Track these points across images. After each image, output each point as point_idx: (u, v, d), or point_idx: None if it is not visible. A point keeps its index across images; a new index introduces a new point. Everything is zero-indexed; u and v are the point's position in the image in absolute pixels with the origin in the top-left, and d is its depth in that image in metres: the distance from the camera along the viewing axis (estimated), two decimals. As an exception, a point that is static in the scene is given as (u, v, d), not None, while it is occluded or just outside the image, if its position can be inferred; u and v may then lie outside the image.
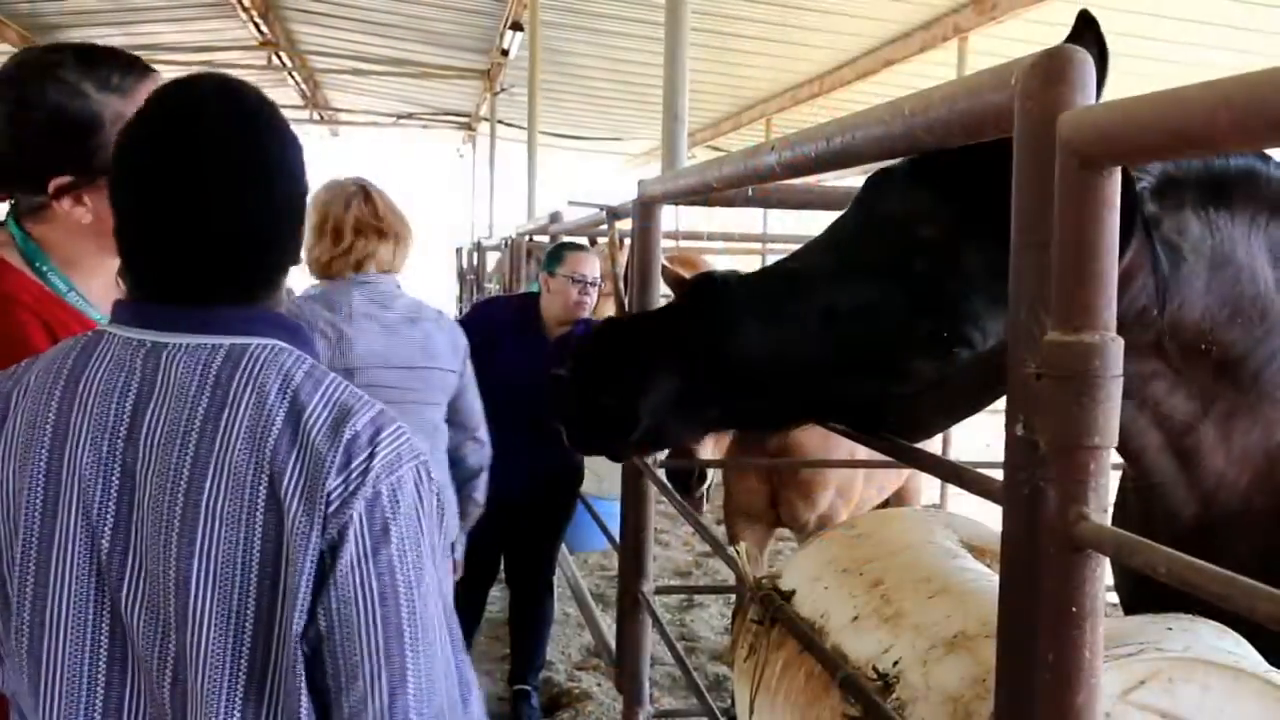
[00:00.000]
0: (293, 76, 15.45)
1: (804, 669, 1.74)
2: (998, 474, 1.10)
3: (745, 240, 7.76)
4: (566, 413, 1.53)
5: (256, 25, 12.39)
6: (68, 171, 1.55)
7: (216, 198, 1.21)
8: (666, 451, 2.96)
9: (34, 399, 1.22)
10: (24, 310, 1.53)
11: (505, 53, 11.20)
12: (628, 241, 3.26)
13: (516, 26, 10.26)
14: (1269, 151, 1.45)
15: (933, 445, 1.64)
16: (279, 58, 13.91)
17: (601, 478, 5.78)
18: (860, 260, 1.44)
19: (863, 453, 3.29)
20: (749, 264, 7.26)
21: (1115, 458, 1.02)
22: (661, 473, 2.88)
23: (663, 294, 2.96)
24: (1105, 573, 1.00)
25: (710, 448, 4.06)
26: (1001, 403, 1.12)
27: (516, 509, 4.33)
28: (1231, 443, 1.53)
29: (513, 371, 4.25)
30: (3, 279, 1.58)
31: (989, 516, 1.49)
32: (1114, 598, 1.72)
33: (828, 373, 1.44)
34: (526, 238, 6.83)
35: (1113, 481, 1.04)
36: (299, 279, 3.18)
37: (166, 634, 1.14)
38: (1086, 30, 1.41)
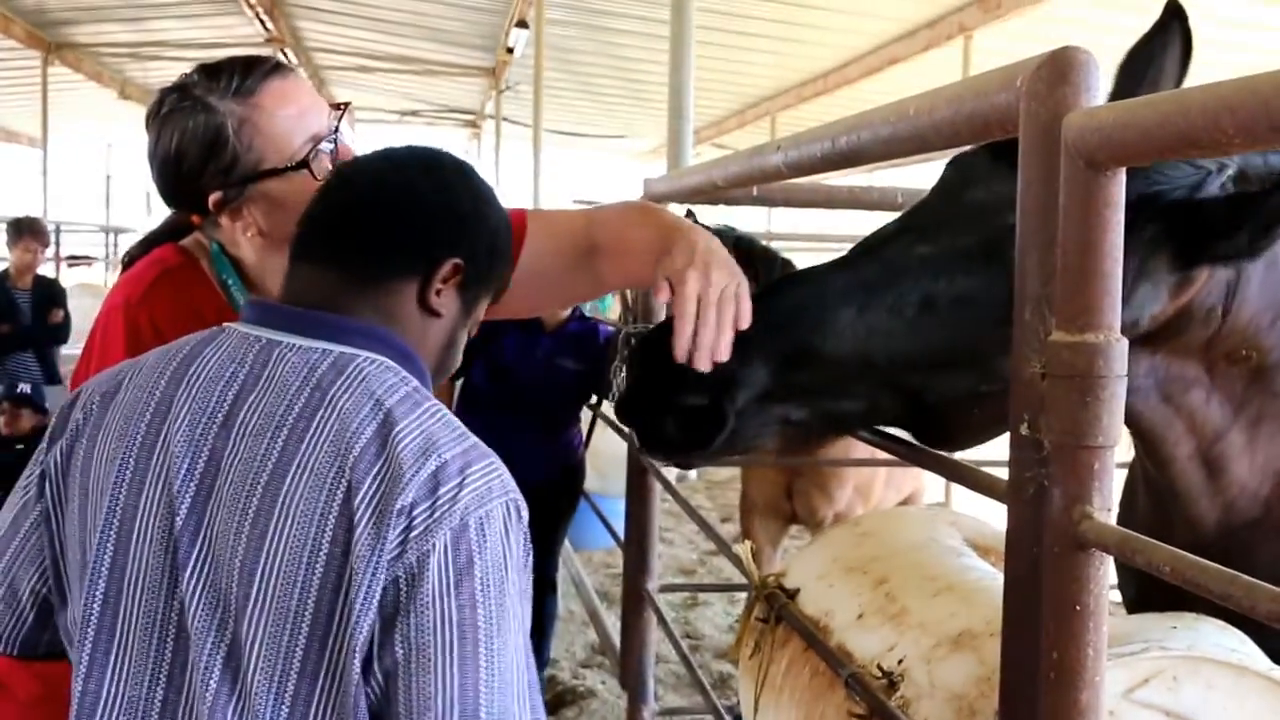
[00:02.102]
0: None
1: (809, 667, 1.74)
2: (1002, 473, 1.10)
3: (750, 238, 7.75)
4: (642, 414, 1.43)
5: (263, 22, 12.40)
6: (215, 187, 1.54)
7: (394, 205, 1.27)
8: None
9: (146, 375, 1.26)
10: (205, 325, 1.55)
11: (510, 50, 11.20)
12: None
13: (522, 24, 10.25)
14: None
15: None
16: (285, 55, 13.92)
17: (605, 475, 5.78)
18: (955, 249, 1.38)
19: (880, 453, 3.26)
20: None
21: (1119, 456, 1.02)
22: (667, 472, 2.89)
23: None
24: (1109, 572, 1.00)
25: None
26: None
27: None
28: (1256, 451, 1.52)
29: (514, 364, 4.26)
30: (193, 291, 1.60)
31: (993, 515, 1.50)
32: (1116, 596, 1.72)
33: (919, 366, 1.37)
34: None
35: (1117, 480, 1.04)
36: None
37: (225, 620, 1.14)
38: (1173, 20, 1.38)
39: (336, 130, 1.57)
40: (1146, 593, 1.64)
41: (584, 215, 1.84)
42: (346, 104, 1.65)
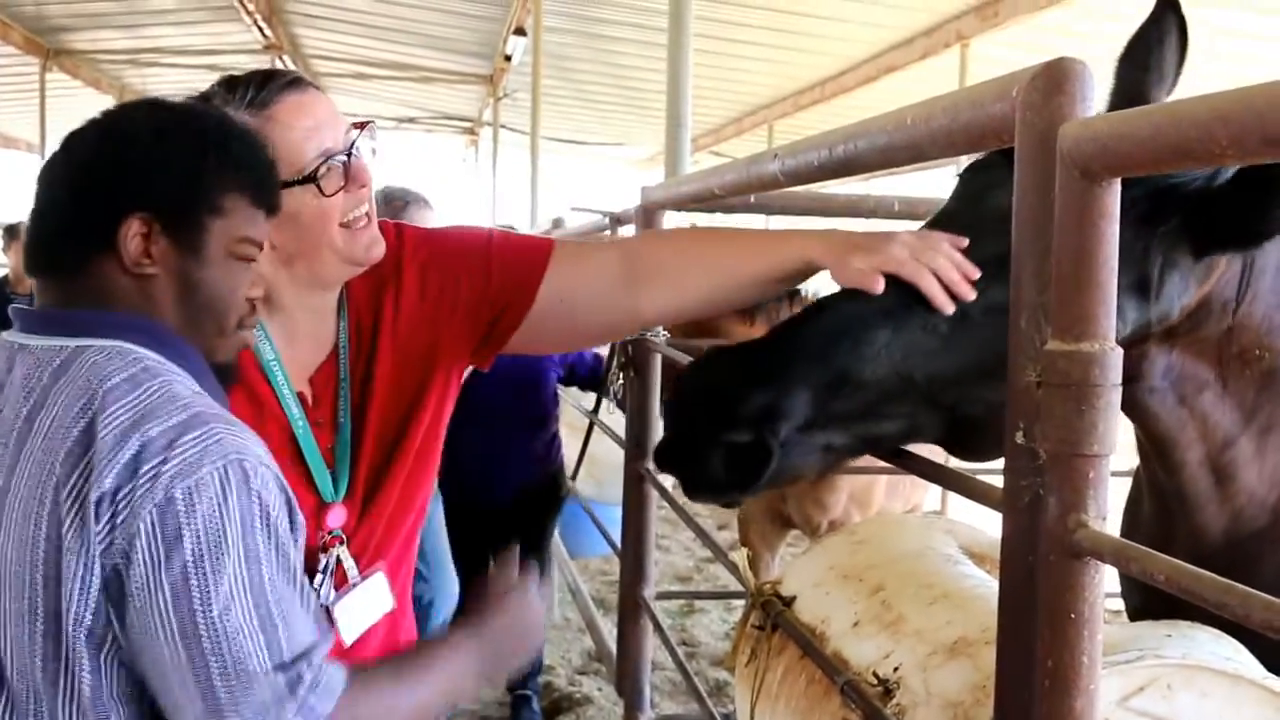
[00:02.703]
0: (296, 80, 15.48)
1: (805, 674, 1.74)
2: (998, 481, 1.10)
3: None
4: (687, 458, 1.39)
5: (260, 29, 12.42)
6: None
7: (58, 198, 1.25)
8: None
9: None
10: None
11: (508, 58, 11.22)
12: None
13: (520, 32, 10.28)
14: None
15: (935, 453, 1.61)
16: (282, 62, 13.93)
17: (602, 483, 5.78)
18: (982, 257, 1.35)
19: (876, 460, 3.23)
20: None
21: (1115, 464, 1.02)
22: (665, 480, 2.89)
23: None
24: (1105, 580, 1.00)
25: None
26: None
27: (501, 513, 4.32)
28: (1265, 459, 1.52)
29: (497, 369, 4.23)
30: None
31: (989, 523, 1.50)
32: (1114, 604, 1.72)
33: (957, 380, 1.34)
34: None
35: (1117, 489, 1.04)
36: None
37: None
38: (1167, 13, 1.38)
39: (352, 146, 1.53)
40: (1150, 601, 1.64)
41: (619, 244, 1.78)
42: (368, 121, 1.63)
